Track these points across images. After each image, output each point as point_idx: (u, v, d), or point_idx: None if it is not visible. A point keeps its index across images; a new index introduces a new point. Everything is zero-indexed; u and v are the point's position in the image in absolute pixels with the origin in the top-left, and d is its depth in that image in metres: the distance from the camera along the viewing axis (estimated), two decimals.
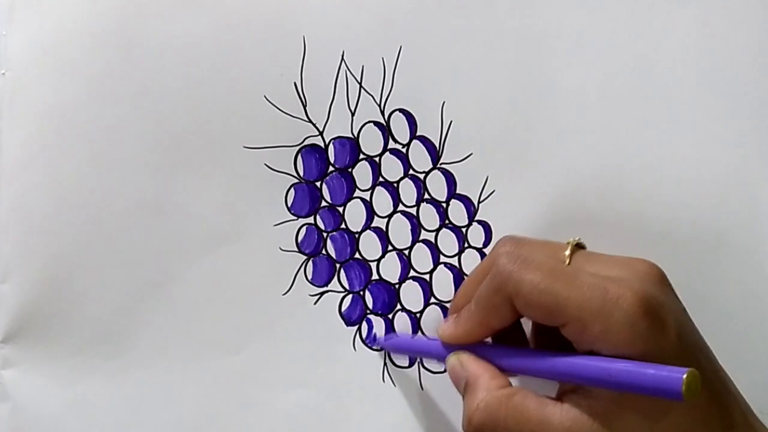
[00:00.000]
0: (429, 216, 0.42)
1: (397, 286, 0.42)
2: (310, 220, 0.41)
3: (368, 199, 0.41)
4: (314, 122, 0.41)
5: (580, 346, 0.32)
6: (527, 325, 0.37)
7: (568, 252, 0.34)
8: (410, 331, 0.41)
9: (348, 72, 0.41)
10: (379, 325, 0.41)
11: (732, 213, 0.41)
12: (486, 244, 0.41)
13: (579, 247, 0.35)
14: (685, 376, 0.28)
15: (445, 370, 0.41)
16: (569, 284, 0.32)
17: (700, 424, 0.31)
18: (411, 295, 0.42)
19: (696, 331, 0.33)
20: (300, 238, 0.41)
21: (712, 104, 0.41)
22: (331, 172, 0.41)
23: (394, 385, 0.41)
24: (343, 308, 0.41)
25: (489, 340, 0.36)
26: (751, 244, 0.41)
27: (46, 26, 0.41)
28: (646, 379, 0.29)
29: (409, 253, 0.42)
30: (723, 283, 0.41)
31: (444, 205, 0.42)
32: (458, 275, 0.41)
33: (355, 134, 0.41)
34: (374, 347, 0.41)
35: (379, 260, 0.42)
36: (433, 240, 0.42)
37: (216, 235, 0.41)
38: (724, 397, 0.32)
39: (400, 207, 0.42)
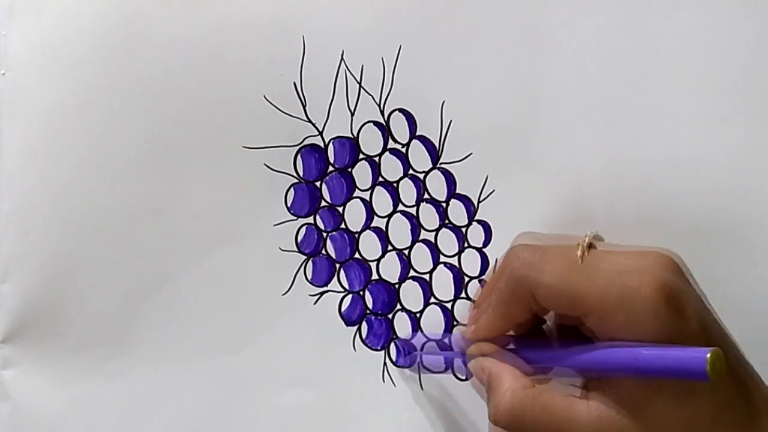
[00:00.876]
0: (429, 216, 0.42)
1: (396, 286, 0.42)
2: (310, 220, 0.41)
3: (368, 198, 0.41)
4: (314, 122, 0.41)
5: (602, 336, 0.32)
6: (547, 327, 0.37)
7: (585, 244, 0.34)
8: (410, 331, 0.41)
9: (347, 72, 0.41)
10: (379, 325, 0.41)
11: (732, 212, 0.41)
12: (486, 243, 0.41)
13: (596, 239, 0.35)
14: (708, 355, 0.28)
15: (444, 370, 0.41)
16: (589, 275, 0.32)
17: (724, 408, 0.31)
18: (411, 295, 0.41)
19: (715, 317, 0.33)
20: (300, 238, 0.41)
21: (712, 104, 0.41)
22: (331, 171, 0.41)
23: (394, 385, 0.41)
24: (343, 308, 0.41)
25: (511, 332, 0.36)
26: (754, 242, 0.41)
27: (46, 26, 0.41)
28: (672, 360, 0.29)
29: (409, 252, 0.42)
30: (729, 281, 0.41)
31: (444, 204, 0.42)
32: (458, 275, 0.41)
33: (355, 134, 0.41)
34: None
35: (378, 260, 0.41)
36: (432, 240, 0.42)
37: (216, 235, 0.41)
38: (747, 382, 0.32)
39: (400, 207, 0.42)
